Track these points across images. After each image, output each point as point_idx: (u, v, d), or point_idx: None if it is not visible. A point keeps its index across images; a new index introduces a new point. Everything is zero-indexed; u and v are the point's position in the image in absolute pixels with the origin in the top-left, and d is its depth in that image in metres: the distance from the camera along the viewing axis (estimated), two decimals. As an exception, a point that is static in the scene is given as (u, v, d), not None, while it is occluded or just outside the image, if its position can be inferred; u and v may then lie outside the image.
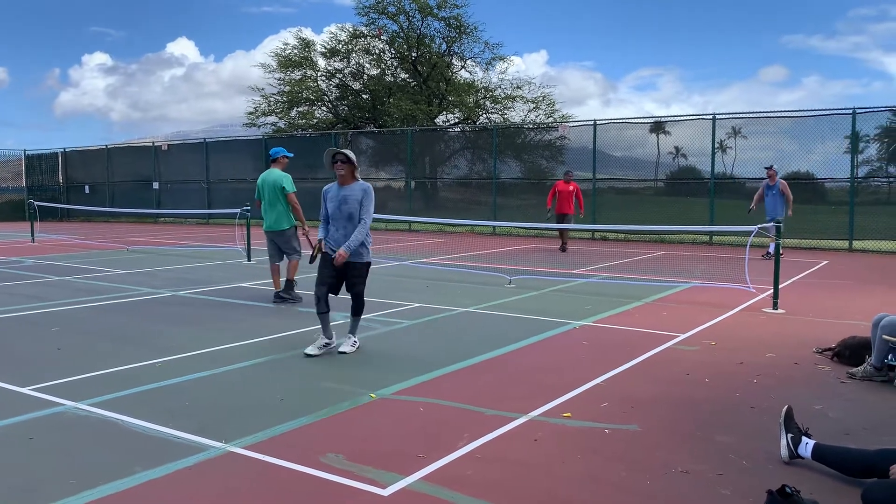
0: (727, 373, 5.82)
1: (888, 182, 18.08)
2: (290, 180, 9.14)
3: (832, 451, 3.86)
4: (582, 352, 6.53)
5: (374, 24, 32.97)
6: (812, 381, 5.61)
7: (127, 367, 5.92)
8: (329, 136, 25.82)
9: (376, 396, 5.14)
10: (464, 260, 14.03)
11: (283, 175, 9.12)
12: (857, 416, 4.78)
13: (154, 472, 3.80)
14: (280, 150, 9.42)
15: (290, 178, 9.17)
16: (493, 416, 4.72)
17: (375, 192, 6.69)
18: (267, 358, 6.26)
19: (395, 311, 8.42)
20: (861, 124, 16.75)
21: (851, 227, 16.53)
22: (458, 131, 29.11)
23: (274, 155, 9.33)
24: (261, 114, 34.32)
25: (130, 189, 29.79)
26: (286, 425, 4.52)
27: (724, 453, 4.10)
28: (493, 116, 33.69)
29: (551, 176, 21.98)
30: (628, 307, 8.76)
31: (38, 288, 10.44)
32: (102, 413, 4.77)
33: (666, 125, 20.37)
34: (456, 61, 33.90)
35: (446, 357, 6.27)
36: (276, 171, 9.18)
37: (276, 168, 9.22)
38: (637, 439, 4.34)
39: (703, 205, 18.52)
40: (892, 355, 5.51)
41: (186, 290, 10.14)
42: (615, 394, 5.22)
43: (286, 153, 9.39)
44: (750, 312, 8.46)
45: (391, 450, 4.12)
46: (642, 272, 12.16)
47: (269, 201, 9.12)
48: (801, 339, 7.01)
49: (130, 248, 16.85)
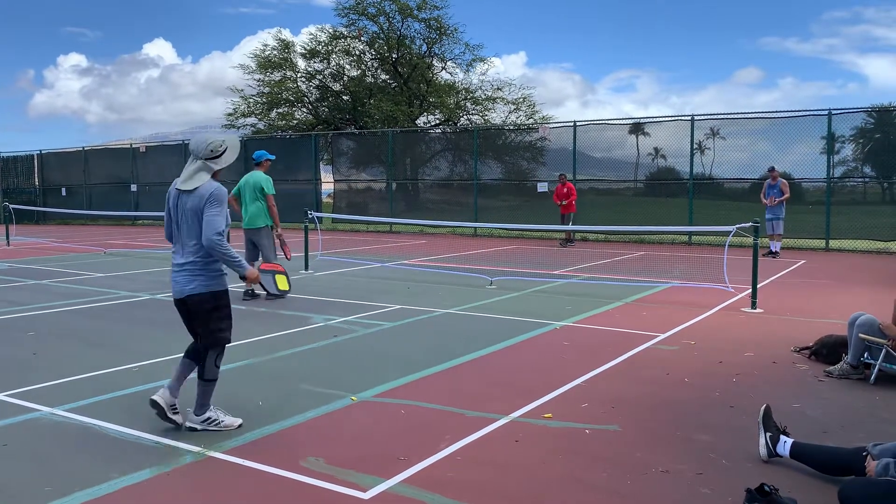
0: (706, 372, 5.86)
1: (863, 182, 18.31)
2: (270, 183, 9.52)
3: (810, 450, 3.90)
4: (563, 352, 6.55)
5: (353, 25, 32.91)
6: (790, 380, 5.66)
7: (104, 371, 5.85)
8: (309, 138, 25.70)
9: (357, 399, 5.12)
10: (445, 261, 14.03)
11: (264, 178, 9.50)
12: (835, 415, 4.83)
13: (131, 478, 3.75)
14: (263, 153, 9.69)
15: (270, 181, 9.56)
16: (474, 417, 4.71)
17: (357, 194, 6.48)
18: (246, 361, 6.21)
19: (375, 313, 8.40)
20: (837, 125, 16.96)
21: (828, 226, 16.73)
22: (438, 133, 29.10)
23: (258, 158, 9.62)
24: (240, 115, 34.13)
25: (108, 191, 29.46)
26: (266, 429, 4.49)
27: (703, 452, 4.13)
28: (474, 118, 33.74)
29: (532, 177, 22.05)
30: (609, 307, 8.80)
31: (13, 292, 10.29)
32: (79, 418, 4.70)
33: (645, 126, 20.50)
34: (436, 63, 33.93)
35: (427, 359, 6.25)
36: (258, 173, 9.53)
37: (259, 171, 9.56)
38: (617, 439, 4.35)
39: (682, 205, 18.65)
40: (867, 354, 5.58)
41: (164, 293, 10.04)
42: (596, 394, 5.23)
43: (269, 156, 9.69)
44: (729, 312, 8.53)
45: (372, 453, 4.10)
46: (622, 272, 12.22)
47: (249, 201, 9.49)
48: (779, 338, 7.08)
49: (108, 251, 16.66)
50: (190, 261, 4.36)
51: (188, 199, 4.33)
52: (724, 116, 18.98)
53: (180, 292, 4.39)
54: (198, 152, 4.42)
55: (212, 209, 4.28)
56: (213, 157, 4.45)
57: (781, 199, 14.87)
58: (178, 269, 4.40)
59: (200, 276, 4.36)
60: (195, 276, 4.35)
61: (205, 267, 4.37)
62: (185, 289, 4.36)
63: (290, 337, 7.20)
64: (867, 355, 5.58)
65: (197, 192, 4.31)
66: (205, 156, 4.42)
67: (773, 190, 14.97)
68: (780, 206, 14.91)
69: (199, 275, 4.35)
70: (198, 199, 4.30)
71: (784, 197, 14.87)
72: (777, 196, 14.90)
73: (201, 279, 4.36)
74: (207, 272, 4.38)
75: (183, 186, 4.35)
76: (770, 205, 14.94)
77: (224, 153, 4.51)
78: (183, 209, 4.35)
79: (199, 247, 4.33)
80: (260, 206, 9.38)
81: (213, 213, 4.28)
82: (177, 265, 4.42)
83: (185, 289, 4.36)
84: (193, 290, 4.35)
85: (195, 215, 4.30)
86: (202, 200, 4.29)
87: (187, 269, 4.36)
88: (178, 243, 4.43)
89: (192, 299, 4.37)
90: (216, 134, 4.53)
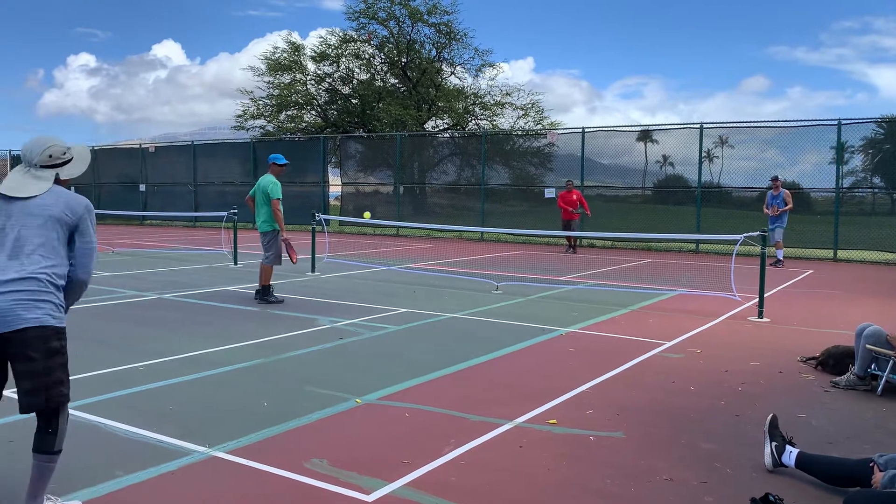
0: (712, 381, 5.84)
1: (872, 193, 18.24)
2: (276, 187, 9.38)
3: (815, 460, 3.88)
4: (568, 358, 6.54)
5: (364, 29, 33.02)
6: (796, 390, 5.64)
7: (110, 370, 5.87)
8: (318, 140, 25.78)
9: (361, 402, 5.12)
10: (451, 265, 14.03)
11: (272, 181, 9.40)
12: (841, 425, 4.80)
13: (136, 477, 3.76)
14: (277, 156, 9.65)
15: (278, 185, 9.43)
16: (478, 422, 4.71)
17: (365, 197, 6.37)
18: (252, 362, 6.22)
19: (381, 316, 8.40)
20: (846, 135, 16.91)
21: (836, 237, 16.67)
22: (447, 137, 29.15)
23: (269, 161, 9.62)
24: (249, 117, 34.25)
25: (117, 191, 29.61)
26: (270, 430, 4.50)
27: (708, 461, 4.11)
28: (483, 123, 33.78)
29: (539, 183, 22.05)
30: (615, 314, 8.78)
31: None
32: (85, 416, 4.72)
33: (653, 134, 20.48)
34: (446, 67, 34.01)
35: (432, 362, 6.25)
36: (269, 176, 9.50)
37: (270, 174, 9.52)
38: (622, 446, 4.34)
39: (690, 213, 18.62)
40: (874, 365, 5.55)
41: (172, 293, 10.07)
42: (601, 401, 5.22)
43: (281, 160, 9.58)
44: (735, 321, 8.51)
45: (376, 455, 4.11)
46: (629, 280, 12.19)
47: (258, 204, 9.50)
48: (786, 347, 7.05)
49: (116, 250, 16.72)
50: (34, 278, 3.15)
51: (29, 204, 3.23)
52: (733, 125, 18.96)
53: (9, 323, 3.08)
54: (32, 159, 3.33)
55: (91, 230, 3.34)
56: (56, 164, 3.37)
57: (784, 210, 14.67)
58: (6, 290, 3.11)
59: (47, 304, 3.19)
60: (38, 303, 3.15)
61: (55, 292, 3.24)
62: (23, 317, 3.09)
63: (296, 338, 7.21)
64: (874, 366, 5.56)
65: (53, 198, 3.27)
66: (40, 163, 3.33)
67: (776, 200, 14.80)
68: (782, 217, 14.72)
69: (45, 301, 3.18)
70: (63, 206, 3.26)
71: (787, 207, 14.67)
72: (780, 206, 14.73)
73: (48, 307, 3.19)
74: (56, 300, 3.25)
75: (11, 193, 3.26)
76: (773, 214, 14.75)
77: (70, 160, 3.44)
78: (24, 214, 3.22)
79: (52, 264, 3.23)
80: (268, 210, 9.35)
81: (93, 237, 3.34)
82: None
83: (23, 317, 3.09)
84: (37, 319, 3.14)
85: (56, 224, 3.24)
86: (76, 212, 3.29)
87: (26, 290, 3.12)
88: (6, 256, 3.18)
89: (31, 332, 3.12)
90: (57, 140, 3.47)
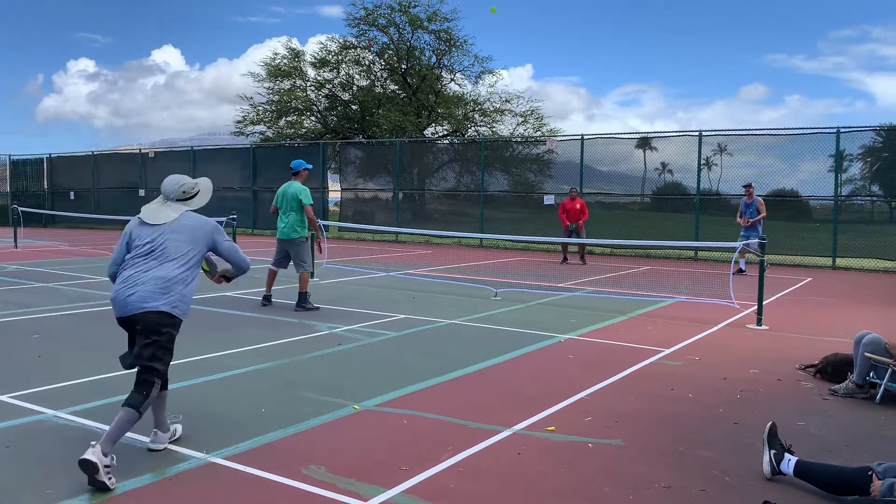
0: (711, 388, 5.84)
1: (871, 201, 18.26)
2: (307, 193, 9.47)
3: (814, 468, 3.87)
4: (567, 365, 6.53)
5: (364, 35, 33.08)
6: (795, 398, 5.64)
7: (108, 375, 5.85)
8: (317, 146, 25.80)
9: (360, 408, 5.12)
10: (450, 272, 14.03)
11: (302, 188, 9.46)
12: (839, 433, 4.80)
13: (133, 483, 3.75)
14: (301, 162, 9.67)
15: (308, 191, 9.52)
16: (476, 429, 4.70)
17: (364, 203, 6.65)
18: (250, 368, 6.22)
19: (380, 322, 8.40)
20: (845, 143, 16.94)
21: (835, 244, 16.69)
22: (446, 143, 29.17)
23: (296, 168, 9.62)
24: (249, 122, 34.27)
25: (116, 196, 29.59)
26: (268, 436, 4.49)
27: (706, 469, 4.11)
28: (482, 129, 33.82)
29: (539, 189, 22.06)
30: (613, 321, 8.78)
31: (19, 294, 10.34)
32: (82, 422, 4.71)
33: (652, 141, 20.51)
34: (445, 74, 34.06)
35: (431, 369, 6.25)
36: (296, 183, 9.51)
37: (296, 181, 9.54)
38: (620, 454, 4.33)
39: (688, 220, 18.64)
40: (873, 373, 5.55)
41: (170, 298, 10.05)
42: (599, 408, 5.22)
43: (306, 165, 9.66)
44: (734, 328, 8.51)
45: (374, 462, 4.10)
46: (628, 287, 12.20)
47: (285, 211, 9.48)
48: (785, 355, 7.05)
49: (115, 255, 16.71)
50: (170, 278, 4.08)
51: (167, 227, 4.20)
52: (732, 132, 19.00)
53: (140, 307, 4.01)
54: (170, 193, 4.33)
55: (223, 237, 4.42)
56: (185, 198, 4.37)
57: (757, 220, 14.32)
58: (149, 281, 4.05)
59: (174, 295, 4.08)
60: (167, 294, 4.06)
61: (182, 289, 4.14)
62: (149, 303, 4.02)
63: (295, 344, 7.21)
64: (873, 374, 5.55)
65: (190, 221, 4.27)
66: (176, 197, 4.34)
67: (750, 209, 14.47)
68: (756, 227, 14.25)
69: (172, 293, 4.08)
70: (189, 231, 4.23)
71: (759, 216, 14.32)
72: (753, 216, 14.37)
73: (174, 298, 4.08)
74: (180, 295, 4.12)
75: (149, 220, 4.22)
76: (744, 224, 14.44)
77: (197, 193, 4.46)
78: (168, 231, 4.18)
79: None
80: (296, 218, 9.34)
81: (229, 242, 4.46)
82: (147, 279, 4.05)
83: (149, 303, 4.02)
84: (167, 304, 4.05)
85: (192, 237, 4.22)
86: (204, 231, 4.30)
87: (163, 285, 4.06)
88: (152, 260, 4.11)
89: (150, 316, 4.02)
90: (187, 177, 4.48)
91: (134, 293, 4.02)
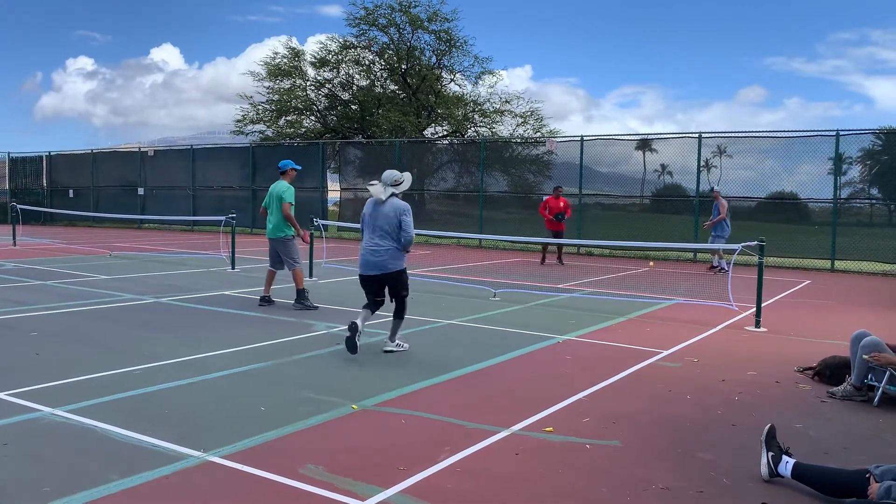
0: (709, 390, 5.84)
1: (870, 204, 18.28)
2: (290, 192, 9.51)
3: (812, 471, 3.87)
4: (565, 366, 6.53)
5: (364, 35, 33.06)
6: (793, 400, 5.64)
7: (106, 373, 5.85)
8: (317, 146, 25.79)
9: (358, 408, 5.11)
10: (449, 272, 14.03)
11: (287, 188, 9.51)
12: (837, 436, 4.80)
13: (131, 481, 3.75)
14: (287, 162, 9.73)
15: (292, 190, 9.56)
16: (474, 429, 4.70)
17: (364, 203, 7.10)
18: (248, 367, 6.21)
19: (378, 323, 8.39)
20: (844, 146, 16.96)
21: (833, 247, 16.71)
22: (446, 144, 29.17)
23: (283, 167, 9.67)
24: (249, 121, 34.24)
25: (115, 194, 29.58)
26: (266, 435, 4.48)
27: (704, 471, 4.11)
28: (482, 130, 33.81)
29: (538, 190, 22.06)
30: (612, 323, 8.78)
31: (17, 292, 10.33)
32: (80, 420, 4.70)
33: (652, 142, 20.52)
34: (445, 74, 34.04)
35: (429, 369, 6.25)
36: (282, 182, 9.57)
37: (283, 180, 9.59)
38: (618, 455, 4.33)
39: (687, 222, 18.65)
40: (871, 375, 5.56)
41: (169, 296, 10.06)
42: (597, 409, 5.22)
43: (293, 165, 9.71)
44: (732, 330, 8.51)
45: (371, 462, 4.10)
46: (626, 288, 12.20)
47: (272, 211, 9.55)
48: (783, 357, 7.06)
49: (113, 253, 16.71)
50: (390, 248, 6.72)
51: (382, 208, 6.74)
52: (731, 134, 19.01)
53: (384, 268, 6.78)
54: (387, 181, 6.78)
55: (407, 217, 6.70)
56: (396, 184, 6.79)
57: (714, 222, 15.10)
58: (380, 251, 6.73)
59: (399, 260, 6.80)
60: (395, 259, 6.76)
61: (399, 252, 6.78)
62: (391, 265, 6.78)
63: (293, 344, 7.20)
64: (871, 377, 5.56)
65: (391, 204, 6.73)
66: (391, 183, 6.76)
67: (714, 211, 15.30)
68: (720, 226, 15.07)
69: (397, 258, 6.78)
70: (392, 209, 6.70)
71: (718, 218, 15.03)
72: (714, 217, 15.20)
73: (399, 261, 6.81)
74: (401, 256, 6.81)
75: (379, 196, 6.77)
76: (706, 228, 15.25)
77: (403, 182, 6.85)
78: (379, 214, 6.73)
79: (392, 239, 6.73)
80: (281, 217, 9.41)
81: (408, 220, 6.71)
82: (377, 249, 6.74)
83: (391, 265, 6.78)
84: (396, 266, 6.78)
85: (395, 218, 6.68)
86: (399, 212, 6.70)
87: (389, 251, 6.73)
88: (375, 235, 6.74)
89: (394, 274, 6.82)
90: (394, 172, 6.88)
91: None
